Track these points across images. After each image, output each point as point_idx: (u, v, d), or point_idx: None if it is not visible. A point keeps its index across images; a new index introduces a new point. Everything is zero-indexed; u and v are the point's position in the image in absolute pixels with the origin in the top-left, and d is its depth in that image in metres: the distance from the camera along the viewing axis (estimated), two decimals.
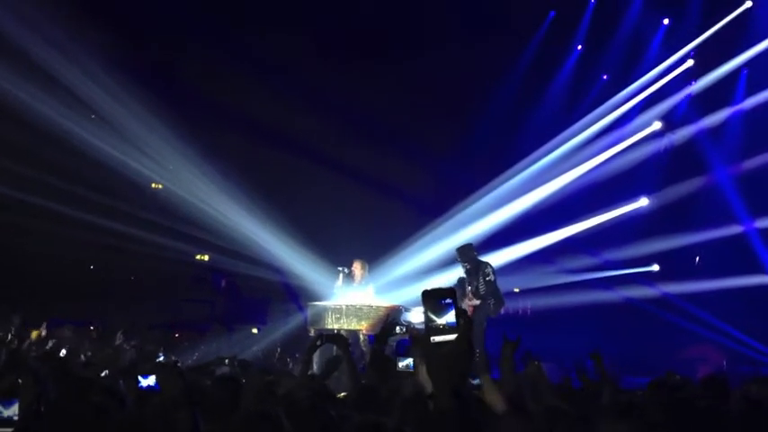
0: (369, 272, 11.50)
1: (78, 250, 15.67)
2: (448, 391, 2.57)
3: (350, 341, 10.64)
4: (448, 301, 2.59)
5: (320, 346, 5.89)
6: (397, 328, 9.43)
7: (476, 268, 10.67)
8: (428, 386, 2.76)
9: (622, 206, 15.67)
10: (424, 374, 2.79)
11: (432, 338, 2.58)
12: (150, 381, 4.51)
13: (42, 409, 3.97)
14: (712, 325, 14.32)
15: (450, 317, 2.57)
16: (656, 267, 15.87)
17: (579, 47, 16.83)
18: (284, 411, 3.78)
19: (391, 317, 10.39)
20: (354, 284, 11.25)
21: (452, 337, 2.56)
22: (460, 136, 16.24)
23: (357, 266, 11.32)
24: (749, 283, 14.40)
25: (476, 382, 4.77)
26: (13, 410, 3.81)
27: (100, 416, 3.62)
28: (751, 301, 14.38)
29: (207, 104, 15.47)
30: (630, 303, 15.40)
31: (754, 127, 15.36)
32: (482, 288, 10.56)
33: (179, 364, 8.76)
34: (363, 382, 5.51)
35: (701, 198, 15.52)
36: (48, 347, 8.58)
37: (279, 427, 3.64)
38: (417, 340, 3.59)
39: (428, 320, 2.56)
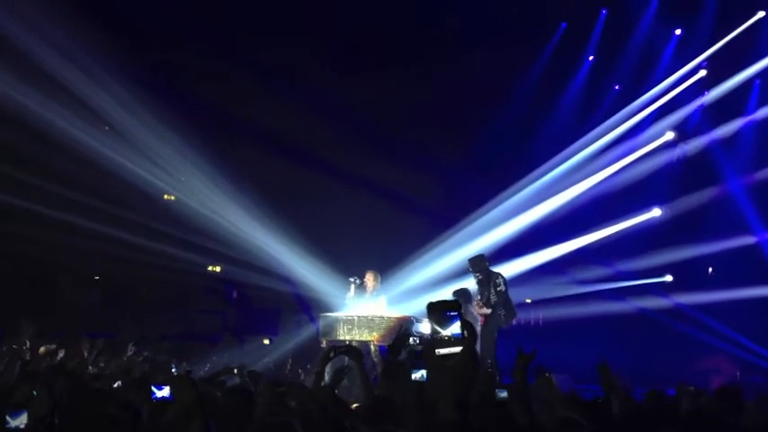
0: (381, 283, 11.50)
1: (90, 261, 15.74)
2: (452, 402, 2.57)
3: (362, 352, 10.69)
4: (453, 313, 2.61)
5: (333, 358, 5.90)
6: (411, 339, 9.43)
7: (487, 279, 10.71)
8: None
9: (635, 216, 15.62)
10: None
11: (437, 351, 2.59)
12: (165, 392, 4.52)
13: (56, 421, 3.99)
14: (725, 335, 14.24)
15: (455, 328, 2.58)
16: (669, 278, 15.79)
17: (591, 57, 16.81)
18: (299, 422, 3.78)
19: (404, 328, 10.40)
20: (366, 295, 11.25)
21: (458, 349, 2.57)
22: (472, 147, 16.24)
23: (369, 277, 11.32)
24: (762, 293, 14.31)
25: (502, 395, 4.74)
26: (21, 420, 3.83)
27: (113, 428, 3.64)
28: (764, 311, 14.30)
29: (219, 116, 15.55)
30: (643, 314, 15.33)
31: (767, 137, 15.29)
32: (493, 298, 10.59)
33: (191, 375, 8.78)
34: (376, 392, 5.51)
35: (714, 208, 15.44)
36: (59, 359, 8.61)
37: None
38: (424, 352, 3.61)
39: (433, 332, 2.58)
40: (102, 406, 3.90)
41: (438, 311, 2.64)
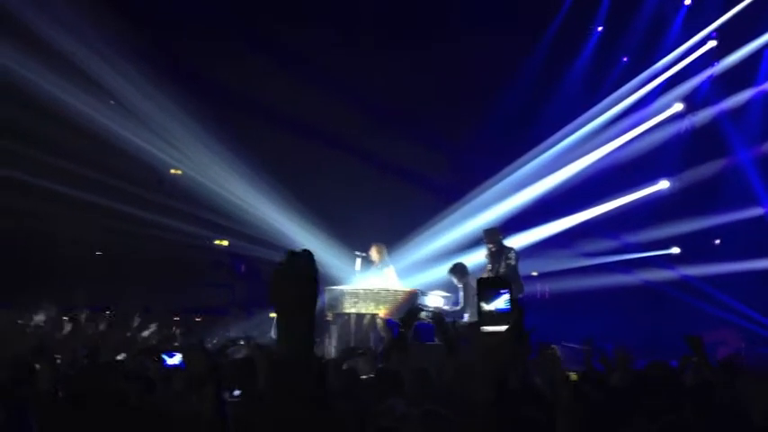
0: (387, 255, 11.51)
1: (97, 235, 15.80)
2: (489, 382, 2.57)
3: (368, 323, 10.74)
4: (504, 290, 2.61)
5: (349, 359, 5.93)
6: (423, 313, 9.49)
7: (500, 251, 10.76)
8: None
9: (642, 189, 15.56)
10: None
11: (483, 328, 2.60)
12: (176, 360, 4.52)
13: (60, 395, 4.02)
14: (732, 307, 14.23)
15: (501, 303, 2.58)
16: (676, 250, 15.76)
17: (599, 28, 16.64)
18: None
19: (412, 302, 10.45)
20: (373, 269, 11.28)
21: (503, 328, 2.57)
22: (479, 120, 16.14)
23: (374, 251, 11.35)
24: None
25: None
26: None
27: (119, 400, 3.65)
28: None
29: (226, 90, 15.49)
30: (650, 286, 15.32)
31: None
32: (502, 271, 10.63)
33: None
34: (384, 366, 5.54)
35: (723, 180, 15.37)
36: (65, 332, 8.67)
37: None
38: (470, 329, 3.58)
39: (480, 306, 2.58)
40: (107, 378, 3.92)
41: (487, 287, 2.65)
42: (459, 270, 11.11)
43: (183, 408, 3.67)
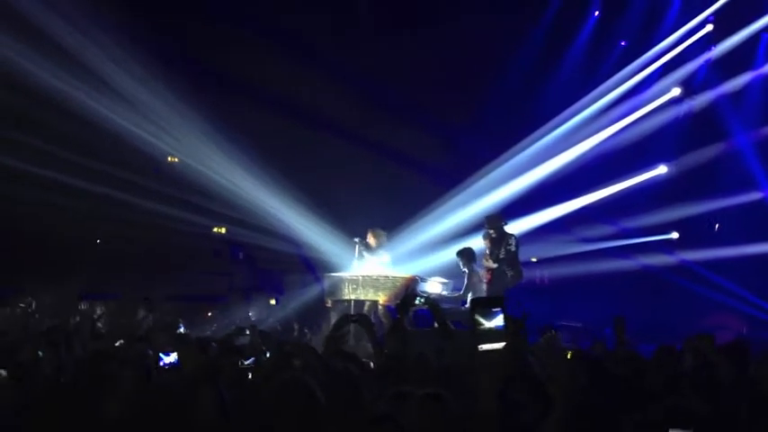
0: (385, 241, 11.50)
1: (94, 224, 15.77)
2: (492, 394, 2.66)
3: (368, 310, 10.73)
4: (497, 309, 2.70)
5: (344, 326, 5.95)
6: (417, 299, 9.48)
7: (500, 237, 10.77)
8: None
9: (641, 173, 15.54)
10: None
11: (480, 347, 2.68)
12: (172, 358, 4.51)
13: (62, 381, 4.01)
14: (732, 292, 14.24)
15: (498, 321, 2.67)
16: (675, 235, 15.76)
17: (596, 12, 16.58)
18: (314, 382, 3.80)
19: (411, 288, 10.46)
20: (370, 254, 11.27)
21: (500, 345, 2.66)
22: (477, 105, 16.09)
23: (371, 236, 11.35)
24: None
25: None
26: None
27: (118, 387, 3.64)
28: None
29: (223, 77, 15.43)
30: (649, 271, 15.33)
31: None
32: (502, 257, 10.65)
33: (199, 336, 8.84)
34: (386, 351, 5.54)
35: (721, 164, 15.35)
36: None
37: (312, 396, 3.67)
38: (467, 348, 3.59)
39: (476, 324, 2.66)
40: (107, 365, 3.91)
41: (482, 306, 2.74)
42: (466, 254, 11.10)
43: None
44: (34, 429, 3.22)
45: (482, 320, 2.75)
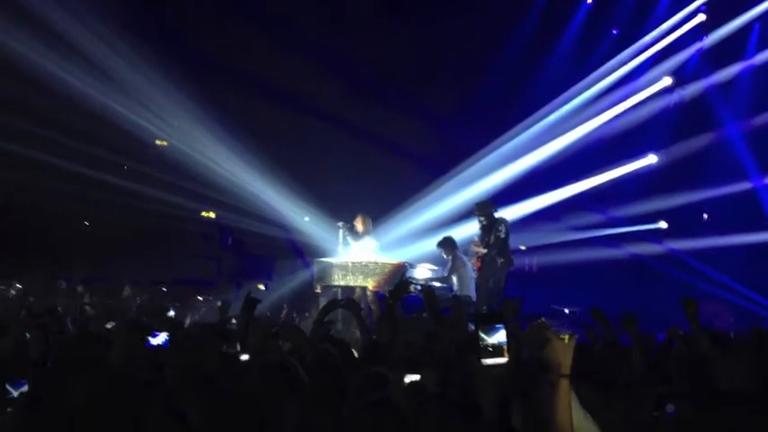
0: (372, 226, 11.50)
1: (81, 207, 15.70)
2: (495, 405, 2.75)
3: (357, 296, 10.74)
4: (499, 325, 2.78)
5: (333, 310, 5.95)
6: (412, 286, 9.51)
7: (491, 224, 10.78)
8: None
9: (631, 163, 15.57)
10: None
11: (482, 361, 2.77)
12: (160, 339, 4.48)
13: (49, 364, 3.99)
14: (720, 281, 14.32)
15: (500, 337, 2.76)
16: (663, 224, 15.82)
17: (589, 1, 16.55)
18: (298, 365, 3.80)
19: (400, 274, 10.48)
20: (356, 239, 11.26)
21: (502, 360, 2.74)
22: (468, 93, 16.07)
23: (359, 221, 11.33)
24: (757, 239, 14.37)
25: None
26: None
27: (108, 371, 3.62)
28: (759, 257, 14.37)
29: (212, 61, 15.35)
30: (638, 260, 15.40)
31: (764, 82, 15.17)
32: (492, 243, 10.67)
33: (187, 320, 8.84)
34: (374, 337, 5.54)
35: (711, 154, 15.39)
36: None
37: (296, 379, 3.67)
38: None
39: (479, 340, 2.76)
40: (95, 347, 3.89)
41: (485, 322, 2.84)
42: (447, 243, 11.19)
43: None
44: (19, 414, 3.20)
45: (484, 336, 2.86)
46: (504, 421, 2.87)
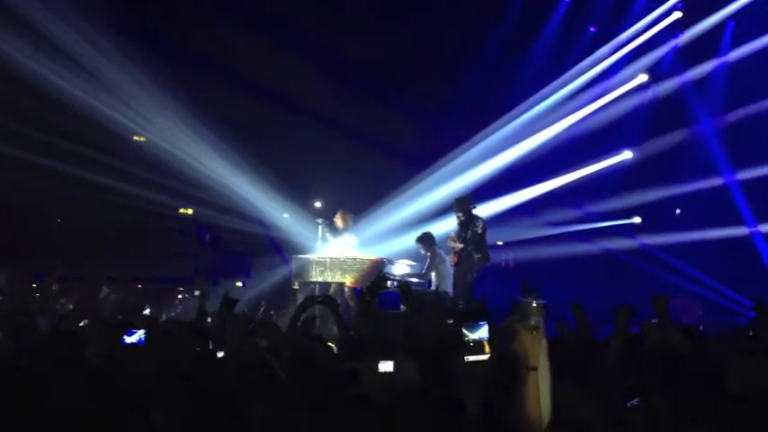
0: (352, 223, 11.52)
1: (57, 203, 15.57)
2: (478, 402, 2.80)
3: (334, 292, 10.76)
4: (482, 322, 2.85)
5: (310, 306, 5.97)
6: (389, 282, 9.55)
7: (468, 220, 10.85)
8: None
9: (606, 159, 15.71)
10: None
11: (466, 358, 2.82)
12: (136, 337, 4.47)
13: (22, 363, 3.97)
14: (691, 275, 14.51)
15: (482, 333, 2.82)
16: (637, 219, 15.99)
17: None
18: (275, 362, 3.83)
19: (379, 270, 10.52)
20: (336, 236, 11.28)
21: (485, 357, 2.80)
22: (446, 89, 16.12)
23: (340, 218, 11.35)
24: (728, 234, 14.57)
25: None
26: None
27: (83, 370, 3.63)
28: (729, 252, 14.57)
29: (192, 56, 15.25)
30: (612, 255, 15.55)
31: (738, 79, 15.36)
32: (470, 238, 10.75)
33: (163, 318, 8.81)
34: (352, 333, 5.58)
35: (684, 150, 15.57)
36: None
37: (273, 376, 3.69)
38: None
39: (461, 336, 2.82)
40: (69, 347, 3.88)
41: (469, 320, 2.91)
42: (426, 239, 11.26)
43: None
44: None
45: (467, 332, 2.91)
46: (487, 417, 2.91)
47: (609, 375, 4.60)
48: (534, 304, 2.96)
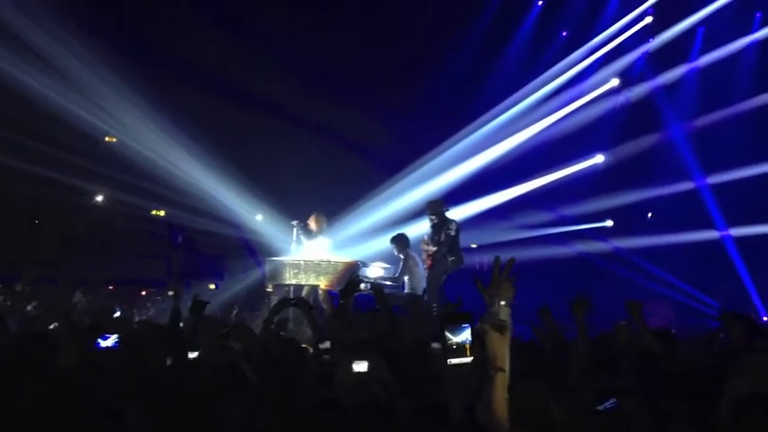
0: (326, 225, 11.50)
1: (27, 205, 15.36)
2: (461, 404, 2.80)
3: (307, 295, 10.72)
4: (465, 325, 2.82)
5: (282, 310, 5.94)
6: (362, 285, 9.54)
7: (441, 223, 10.88)
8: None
9: (579, 162, 15.82)
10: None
11: (449, 361, 2.80)
12: (109, 342, 4.42)
13: None
14: (663, 279, 14.64)
15: (465, 336, 2.79)
16: (609, 223, 16.12)
17: (540, 2, 16.76)
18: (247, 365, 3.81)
19: (353, 273, 10.50)
20: (310, 238, 11.25)
21: (468, 360, 2.78)
22: (420, 92, 16.14)
23: (314, 220, 11.32)
24: (699, 238, 14.72)
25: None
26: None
27: (36, 370, 3.57)
28: (701, 255, 14.73)
29: (163, 57, 15.13)
30: (585, 258, 15.65)
31: (708, 84, 15.55)
32: (443, 241, 10.77)
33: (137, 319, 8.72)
34: (326, 335, 5.56)
35: (656, 154, 15.72)
36: None
37: (244, 379, 3.67)
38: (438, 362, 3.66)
39: (445, 339, 2.80)
40: (38, 349, 3.83)
41: (452, 322, 2.89)
42: (400, 240, 11.26)
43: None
44: None
45: (450, 335, 2.90)
46: (471, 420, 2.90)
47: (579, 376, 4.62)
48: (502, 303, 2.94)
